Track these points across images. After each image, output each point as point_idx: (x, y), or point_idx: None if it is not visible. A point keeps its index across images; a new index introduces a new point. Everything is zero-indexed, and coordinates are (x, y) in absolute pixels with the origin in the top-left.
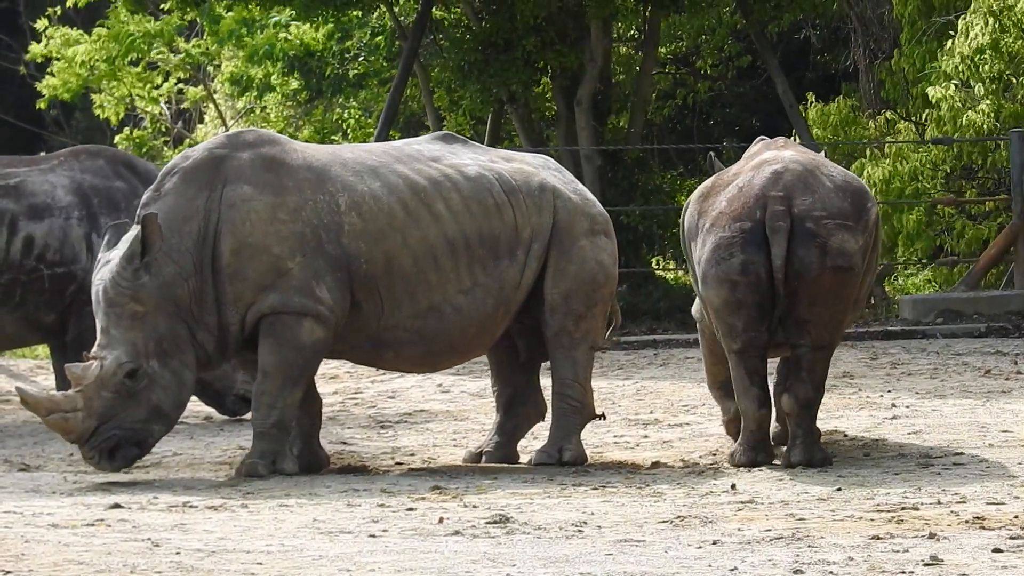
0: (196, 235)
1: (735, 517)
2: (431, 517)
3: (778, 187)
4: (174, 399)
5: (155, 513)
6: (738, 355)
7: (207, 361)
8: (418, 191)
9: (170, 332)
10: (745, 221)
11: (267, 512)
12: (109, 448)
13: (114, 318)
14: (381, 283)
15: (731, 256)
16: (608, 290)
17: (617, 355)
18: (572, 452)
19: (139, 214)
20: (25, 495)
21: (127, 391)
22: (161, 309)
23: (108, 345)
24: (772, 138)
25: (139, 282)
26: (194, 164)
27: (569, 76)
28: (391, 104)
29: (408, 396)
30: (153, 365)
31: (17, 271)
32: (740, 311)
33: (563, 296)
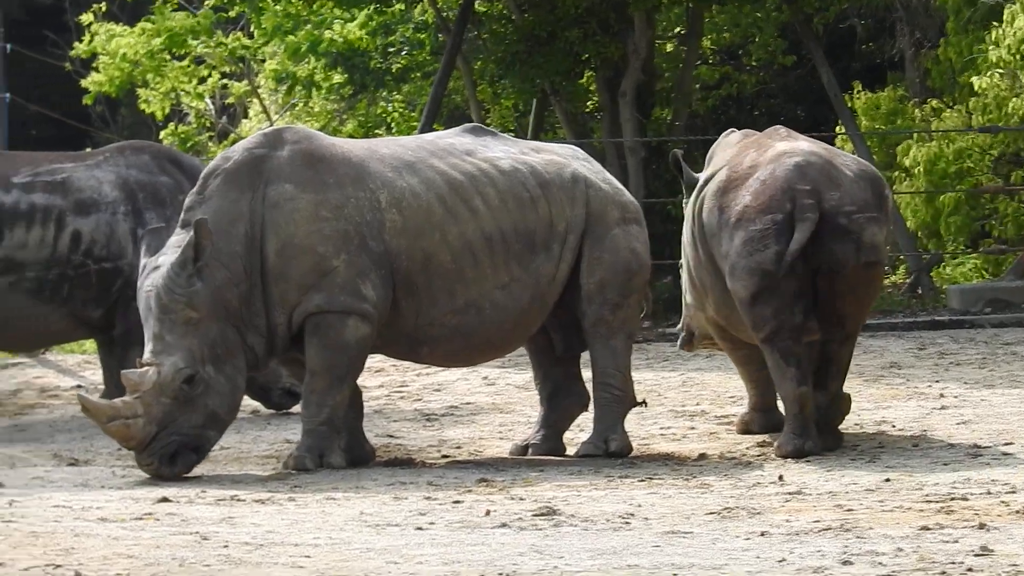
0: (244, 237)
1: (783, 508)
2: (478, 510)
3: (804, 180)
4: (228, 404)
5: (203, 507)
6: (768, 341)
7: (256, 363)
8: (455, 187)
9: (222, 337)
10: (776, 213)
11: (314, 505)
12: (169, 454)
13: (168, 324)
14: (419, 280)
15: (765, 248)
16: (642, 278)
17: (662, 347)
18: (618, 442)
19: (184, 218)
20: (74, 489)
21: (185, 397)
22: (214, 314)
23: (163, 351)
24: (784, 129)
25: (193, 288)
26: (235, 165)
27: (613, 68)
28: (434, 97)
29: (454, 389)
30: (208, 370)
31: (64, 266)
32: (771, 299)
33: (599, 286)
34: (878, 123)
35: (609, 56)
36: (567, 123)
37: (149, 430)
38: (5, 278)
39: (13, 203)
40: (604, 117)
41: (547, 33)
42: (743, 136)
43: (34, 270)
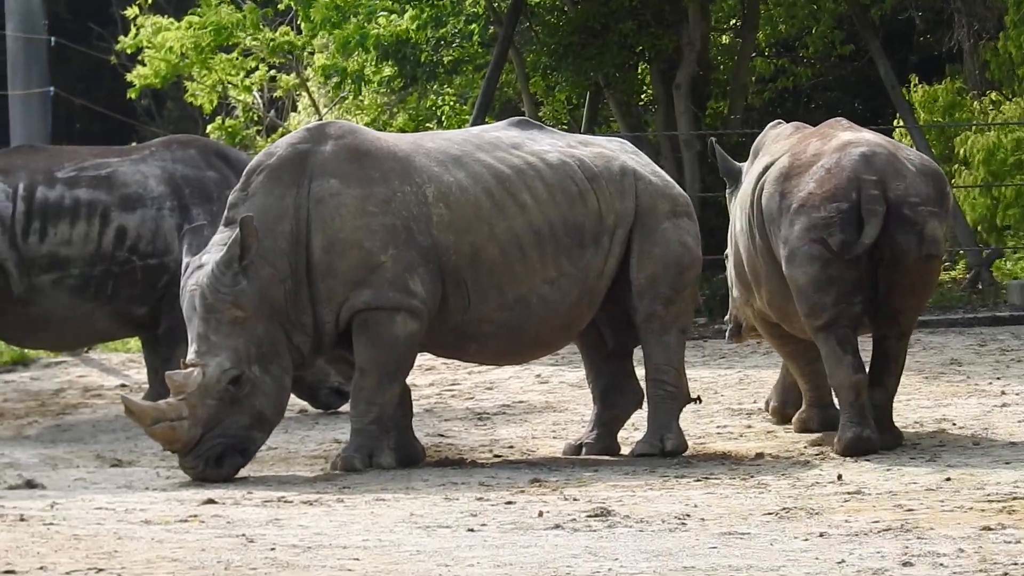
0: (289, 235)
1: (842, 508)
2: (530, 510)
3: (871, 171)
4: (275, 405)
5: (249, 508)
6: (825, 329)
7: (302, 363)
8: (503, 180)
9: (268, 336)
10: (841, 202)
11: (363, 507)
12: (216, 456)
13: (214, 324)
14: (467, 275)
15: (828, 235)
16: (694, 273)
17: (719, 344)
18: (674, 441)
19: (228, 216)
20: (117, 491)
21: (231, 398)
22: (260, 313)
23: (208, 352)
24: (846, 121)
25: (239, 287)
26: (279, 161)
27: (667, 60)
28: (486, 90)
29: (506, 387)
30: (255, 371)
31: (109, 263)
32: (831, 287)
33: (650, 280)
34: (936, 116)
35: (663, 48)
36: (621, 116)
37: (194, 432)
38: (49, 275)
39: (57, 198)
40: (659, 110)
41: (600, 25)
42: (795, 128)
43: (78, 267)
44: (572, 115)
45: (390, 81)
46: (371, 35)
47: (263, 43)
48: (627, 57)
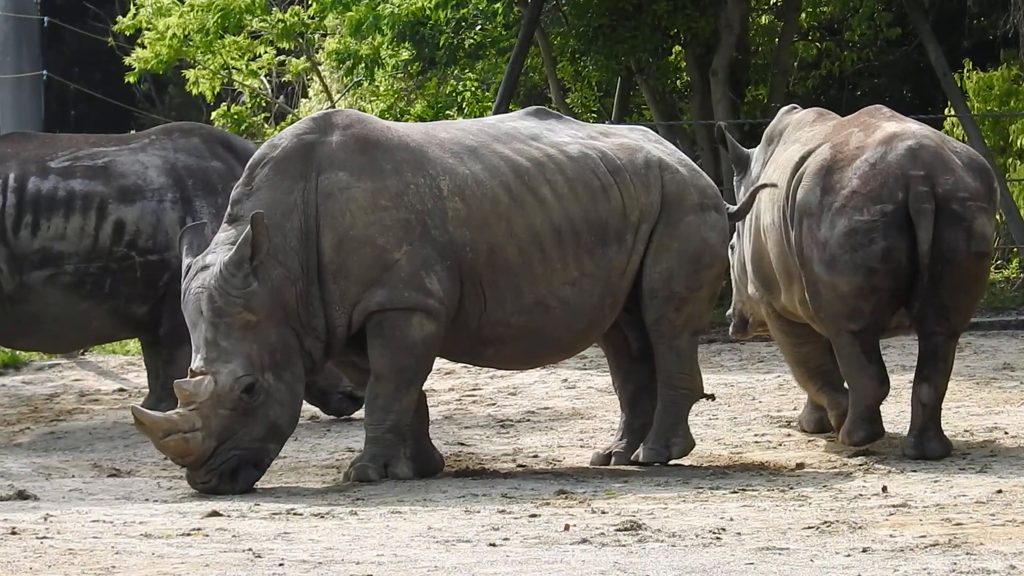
0: (299, 231)
1: (886, 522)
2: (556, 524)
3: (918, 165)
4: (289, 414)
5: (256, 521)
6: (854, 335)
7: (312, 368)
8: (522, 174)
9: (281, 342)
10: (887, 203)
11: (378, 520)
12: (231, 470)
13: (224, 329)
14: (484, 275)
15: (871, 242)
16: (714, 272)
17: (757, 347)
18: (680, 445)
19: (232, 213)
20: (116, 502)
21: (245, 407)
22: (272, 316)
23: (219, 358)
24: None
25: (249, 289)
26: (284, 153)
27: (703, 44)
28: (510, 75)
29: (531, 393)
30: (268, 378)
31: (107, 259)
32: (872, 296)
33: (664, 277)
34: (991, 105)
35: (700, 31)
36: (654, 103)
37: (208, 445)
38: (42, 272)
39: (51, 190)
40: (694, 97)
41: (633, 6)
42: (818, 115)
43: (73, 263)
44: (602, 102)
45: (407, 65)
46: (385, 14)
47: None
48: (661, 41)
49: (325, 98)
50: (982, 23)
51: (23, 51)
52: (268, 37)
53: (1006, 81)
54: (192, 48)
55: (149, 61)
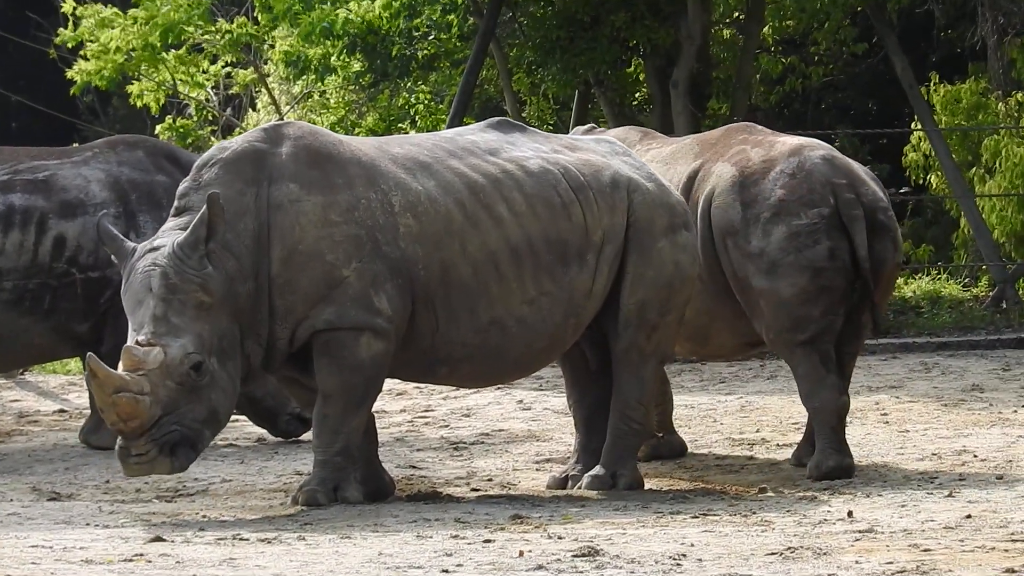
0: (252, 235)
1: (852, 548)
2: (511, 550)
3: (839, 174)
4: (227, 405)
5: (201, 546)
6: (807, 344)
7: (248, 374)
8: (477, 191)
9: (230, 331)
10: (822, 207)
11: (327, 545)
12: (171, 444)
13: (177, 306)
14: (437, 295)
15: (816, 243)
16: (684, 295)
17: (719, 367)
18: (627, 478)
19: (179, 206)
20: (55, 527)
21: (191, 385)
22: (224, 305)
23: (168, 333)
24: (751, 124)
25: (206, 270)
26: (235, 155)
27: (664, 55)
28: (465, 88)
29: (485, 414)
30: (214, 363)
31: (47, 275)
32: (820, 298)
33: (639, 306)
34: (958, 118)
35: (660, 42)
36: (612, 117)
37: (155, 412)
38: None
39: None
40: (654, 111)
41: (591, 17)
42: (643, 134)
43: (12, 279)
44: (559, 116)
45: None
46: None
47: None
48: (620, 52)
49: (273, 110)
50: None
51: None
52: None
53: (974, 94)
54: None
55: (92, 74)
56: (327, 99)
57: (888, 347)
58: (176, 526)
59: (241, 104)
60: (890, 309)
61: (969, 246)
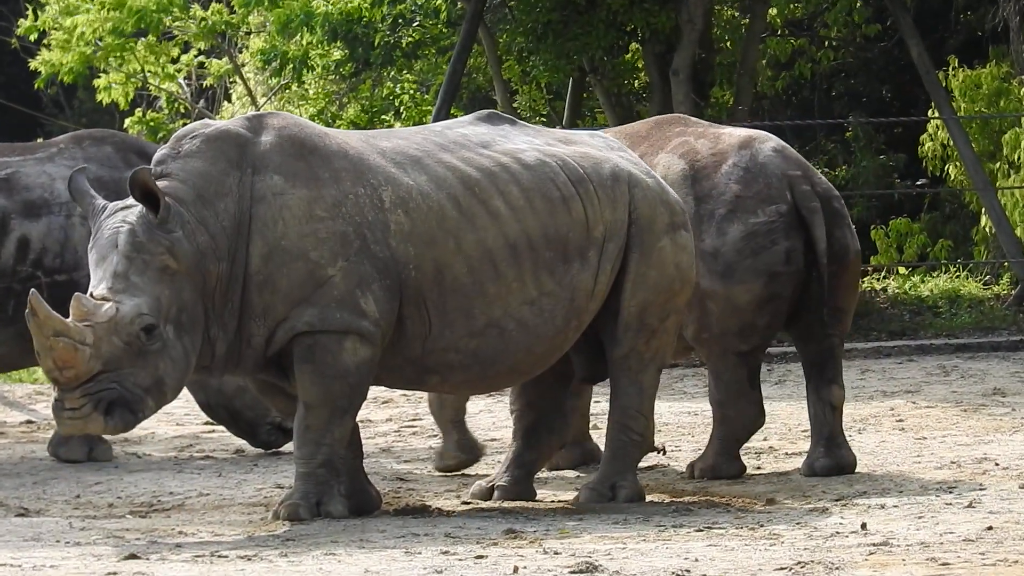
0: (232, 218)
1: (866, 562)
2: (504, 566)
3: (792, 165)
4: (177, 378)
5: (177, 564)
6: (742, 356)
7: (209, 363)
8: (471, 185)
9: (192, 306)
10: (780, 203)
11: (311, 562)
12: (108, 401)
13: (140, 265)
14: (429, 296)
15: (773, 244)
16: (684, 298)
17: None
18: (627, 491)
19: (157, 171)
20: (24, 544)
21: (139, 347)
22: (190, 277)
23: (125, 291)
24: (681, 116)
25: (176, 235)
26: (217, 133)
27: (663, 41)
28: (452, 77)
29: (475, 423)
30: (168, 330)
31: (10, 279)
32: (770, 305)
33: (640, 309)
34: (978, 105)
35: (659, 27)
36: (609, 106)
37: (93, 365)
38: None
39: None
40: (653, 99)
41: (586, 0)
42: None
43: None
44: (552, 105)
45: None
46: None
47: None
48: (616, 37)
49: (249, 102)
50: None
51: None
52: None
53: (995, 80)
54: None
55: (56, 65)
56: (306, 90)
57: (904, 349)
58: (151, 543)
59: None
60: (906, 309)
61: (990, 242)
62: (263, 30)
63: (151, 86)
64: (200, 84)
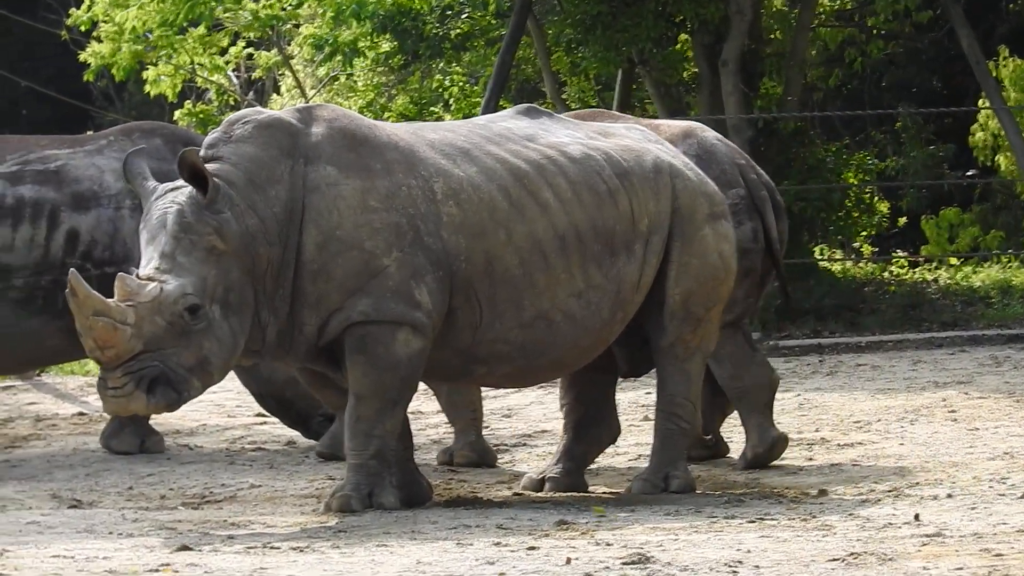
0: (284, 205)
1: (919, 553)
2: (556, 557)
3: (738, 155)
4: (223, 359)
5: (230, 556)
6: (732, 326)
7: (259, 347)
8: (521, 177)
9: (240, 286)
10: (738, 188)
11: (362, 554)
12: (149, 378)
13: (187, 245)
14: (480, 288)
15: (740, 224)
16: (727, 288)
17: (775, 362)
18: (680, 480)
19: (207, 155)
20: (77, 536)
21: (183, 327)
22: (238, 258)
23: (172, 271)
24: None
25: (224, 215)
26: (270, 120)
27: (712, 32)
28: (501, 68)
29: (527, 415)
30: (215, 311)
31: (59, 272)
32: (746, 280)
33: (684, 298)
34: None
35: (708, 18)
36: (658, 97)
37: (134, 344)
38: None
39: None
40: (702, 90)
41: None
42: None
43: (23, 276)
44: (601, 96)
45: (388, 58)
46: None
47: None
48: (665, 28)
49: (298, 94)
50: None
51: None
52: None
53: None
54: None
55: (106, 58)
56: (355, 82)
57: (956, 340)
58: (203, 534)
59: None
60: (958, 300)
61: None
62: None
63: (199, 78)
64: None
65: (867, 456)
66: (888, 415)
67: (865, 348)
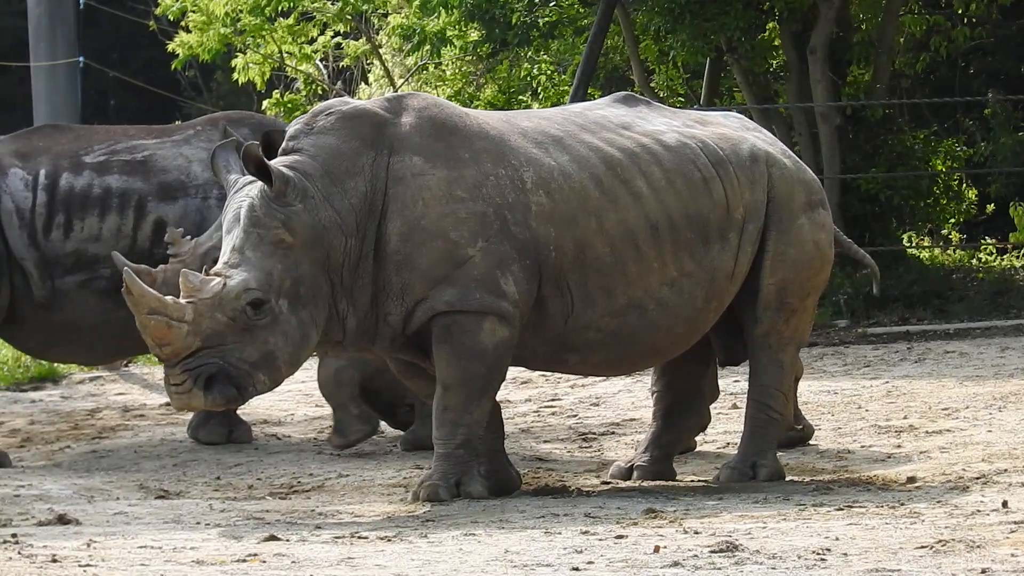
0: (363, 197)
1: (1007, 540)
2: (645, 546)
3: None
4: (291, 352)
5: (318, 546)
6: None
7: (340, 338)
8: (613, 165)
9: (311, 279)
10: None
11: (451, 543)
12: (207, 376)
13: (255, 239)
14: (571, 276)
15: None
16: (823, 277)
17: (863, 350)
18: (768, 469)
19: (286, 146)
20: (164, 527)
21: (244, 322)
22: (309, 250)
23: (238, 265)
24: None
25: (292, 208)
26: (355, 111)
27: (800, 20)
28: (589, 57)
29: (615, 403)
30: (282, 304)
31: (147, 262)
32: None
33: (779, 288)
34: None
35: (796, 6)
36: (747, 86)
37: (191, 341)
38: (75, 276)
39: (85, 187)
40: (791, 78)
41: None
42: None
43: (110, 266)
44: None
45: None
46: None
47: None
48: (754, 17)
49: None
50: None
51: (57, 36)
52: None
53: None
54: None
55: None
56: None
57: None
58: (291, 524)
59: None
60: None
61: None
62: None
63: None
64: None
65: (955, 443)
66: (976, 402)
67: (953, 335)
